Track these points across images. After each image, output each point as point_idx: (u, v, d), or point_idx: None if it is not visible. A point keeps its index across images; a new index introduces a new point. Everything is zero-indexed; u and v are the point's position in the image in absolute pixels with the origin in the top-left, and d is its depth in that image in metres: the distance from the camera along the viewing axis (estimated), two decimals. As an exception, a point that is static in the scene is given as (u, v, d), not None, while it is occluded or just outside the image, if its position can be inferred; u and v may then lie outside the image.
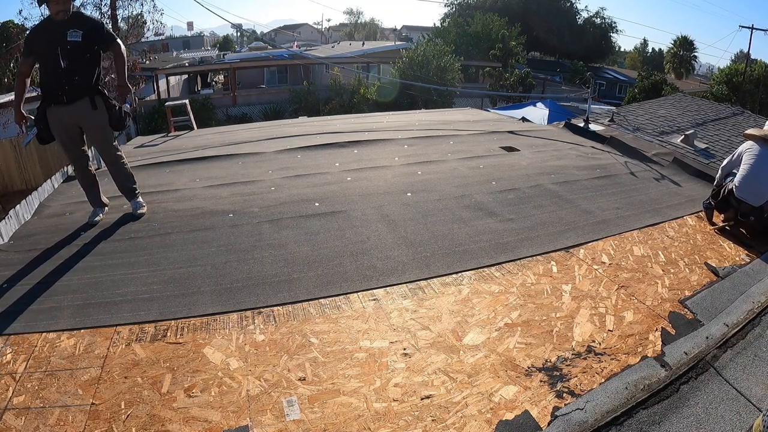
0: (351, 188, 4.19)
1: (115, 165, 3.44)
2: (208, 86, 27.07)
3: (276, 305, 2.44)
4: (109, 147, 3.38)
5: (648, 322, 2.39)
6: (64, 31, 3.01)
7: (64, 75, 3.05)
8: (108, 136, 3.35)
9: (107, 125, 3.27)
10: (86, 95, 3.13)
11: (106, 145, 3.36)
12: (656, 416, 1.86)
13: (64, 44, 3.01)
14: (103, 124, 3.25)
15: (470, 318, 2.36)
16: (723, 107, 8.51)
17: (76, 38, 3.02)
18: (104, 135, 3.32)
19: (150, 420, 1.72)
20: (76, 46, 3.03)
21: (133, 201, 3.55)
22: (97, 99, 3.18)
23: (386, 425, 1.72)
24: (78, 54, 3.06)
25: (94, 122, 3.21)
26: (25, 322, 2.27)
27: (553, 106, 13.04)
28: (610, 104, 16.95)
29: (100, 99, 3.20)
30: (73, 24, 3.05)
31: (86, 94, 3.14)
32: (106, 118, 3.24)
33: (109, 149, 3.38)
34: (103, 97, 3.22)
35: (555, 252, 3.08)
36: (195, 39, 46.79)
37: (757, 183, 3.42)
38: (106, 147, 3.36)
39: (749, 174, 3.46)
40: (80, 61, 3.09)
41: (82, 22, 3.11)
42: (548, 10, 36.92)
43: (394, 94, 19.14)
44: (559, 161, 5.24)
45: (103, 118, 3.23)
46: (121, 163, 3.47)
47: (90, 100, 3.15)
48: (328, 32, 54.73)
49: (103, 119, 3.23)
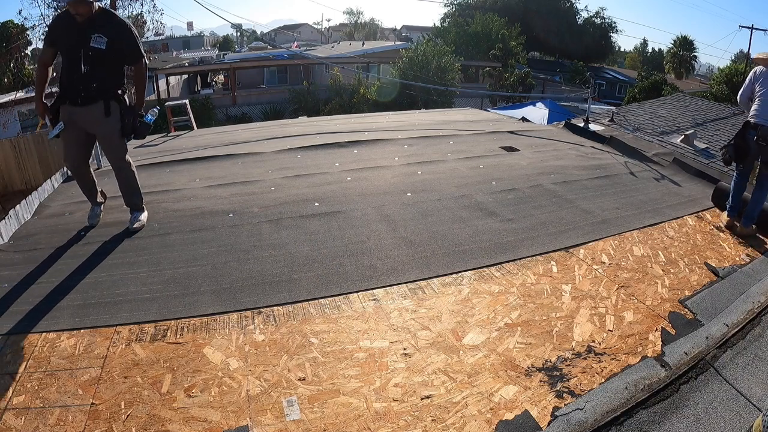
0: (351, 188, 4.19)
1: (120, 173, 3.28)
2: (208, 86, 27.07)
3: (276, 305, 2.44)
4: (118, 156, 3.20)
5: (648, 322, 2.39)
6: (89, 34, 2.82)
7: (82, 80, 2.90)
8: (118, 145, 3.17)
9: (118, 133, 3.10)
10: (101, 99, 2.98)
11: (114, 153, 3.19)
12: (656, 416, 1.86)
13: (87, 49, 2.83)
14: (114, 132, 3.09)
15: (470, 318, 2.36)
16: (723, 107, 8.51)
17: (100, 45, 2.83)
18: (113, 143, 3.15)
19: (150, 420, 1.72)
20: (98, 53, 2.85)
21: (134, 213, 3.37)
22: (112, 105, 3.02)
23: (386, 425, 1.72)
24: (100, 61, 2.89)
25: (104, 128, 3.07)
26: (25, 322, 2.27)
27: (552, 106, 13.04)
28: (610, 104, 16.94)
29: (116, 105, 3.04)
30: (99, 27, 2.84)
31: (102, 98, 2.98)
32: (119, 126, 3.07)
33: (117, 158, 3.21)
34: (121, 104, 3.06)
35: (555, 252, 3.08)
36: (195, 39, 46.78)
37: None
38: (114, 155, 3.20)
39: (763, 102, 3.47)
40: (102, 69, 2.92)
41: (109, 26, 2.88)
42: (548, 10, 36.93)
43: (394, 94, 19.16)
44: (559, 161, 5.24)
45: (114, 126, 3.06)
46: (128, 173, 3.29)
47: (105, 104, 2.99)
48: (328, 32, 54.70)
49: (115, 127, 3.06)
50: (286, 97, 20.73)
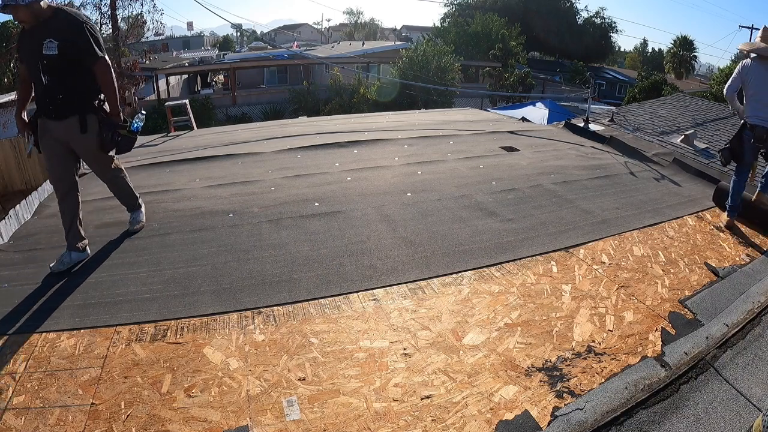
0: (351, 188, 4.19)
1: (111, 185, 3.11)
2: (208, 86, 27.08)
3: (276, 305, 2.44)
4: (104, 169, 3.01)
5: (648, 322, 2.39)
6: (41, 41, 2.51)
7: (47, 93, 2.63)
8: (101, 159, 2.93)
9: (98, 149, 2.82)
10: (76, 114, 2.69)
11: (99, 168, 3.00)
12: (656, 416, 1.86)
13: (41, 57, 2.54)
14: (93, 148, 2.81)
15: (470, 318, 2.36)
16: (723, 107, 8.50)
17: (52, 52, 2.51)
18: (96, 158, 2.91)
19: (150, 420, 1.72)
20: (52, 61, 2.54)
21: (132, 213, 3.27)
22: (89, 119, 2.72)
23: (386, 425, 1.72)
24: (57, 69, 2.58)
25: (83, 146, 2.80)
26: (25, 322, 2.27)
27: (552, 106, 13.03)
28: (610, 104, 16.94)
29: (93, 118, 2.74)
30: (51, 31, 2.53)
31: (77, 112, 2.69)
32: (99, 141, 2.78)
33: (103, 171, 3.02)
34: (99, 117, 2.77)
35: (555, 252, 3.08)
36: (195, 39, 46.81)
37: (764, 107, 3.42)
38: (100, 170, 3.01)
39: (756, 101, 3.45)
40: (63, 77, 2.61)
41: (59, 29, 2.54)
42: (548, 10, 36.93)
43: (394, 94, 19.16)
44: (559, 161, 5.24)
45: (93, 141, 2.78)
46: (119, 181, 3.10)
47: (81, 119, 2.70)
48: (328, 32, 54.71)
49: (93, 143, 2.78)
50: (286, 97, 20.74)
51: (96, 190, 4.21)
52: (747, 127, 3.50)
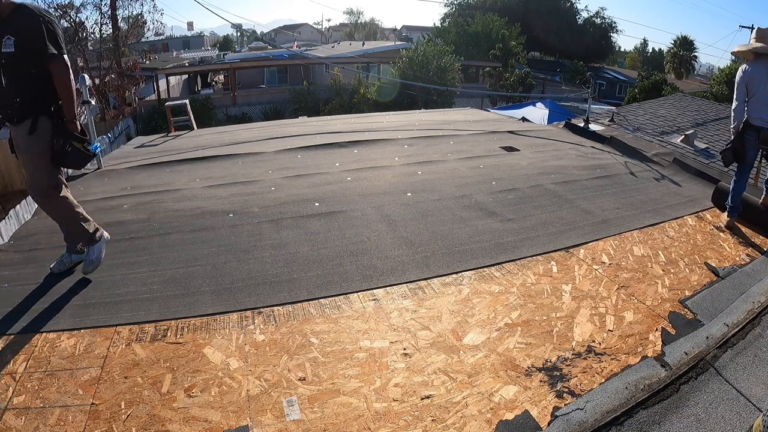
0: (351, 188, 4.19)
1: (45, 202, 2.59)
2: (208, 86, 27.06)
3: (276, 305, 2.44)
4: (39, 185, 2.52)
5: (648, 322, 2.39)
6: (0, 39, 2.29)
7: (4, 95, 2.38)
8: (39, 166, 2.48)
9: (42, 156, 2.46)
10: (31, 116, 2.41)
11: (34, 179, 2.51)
12: (656, 416, 1.86)
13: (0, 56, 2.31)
14: (35, 152, 2.45)
15: (470, 318, 2.36)
16: (723, 107, 8.50)
17: (9, 49, 2.30)
18: (36, 168, 2.49)
19: (150, 420, 1.72)
20: (10, 59, 2.32)
21: (88, 247, 2.68)
22: (41, 121, 2.43)
23: (386, 425, 1.72)
24: (15, 68, 2.35)
25: (25, 146, 2.45)
26: (25, 322, 2.27)
27: (553, 106, 13.04)
28: (610, 104, 16.95)
29: (45, 122, 2.44)
30: (9, 28, 2.31)
31: (31, 115, 2.41)
32: (45, 148, 2.44)
33: (37, 188, 2.52)
34: (54, 123, 2.46)
35: (555, 252, 3.08)
36: (195, 39, 46.79)
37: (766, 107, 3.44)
38: (33, 182, 2.51)
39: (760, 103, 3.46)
40: (21, 77, 2.37)
41: (17, 26, 2.32)
42: (548, 10, 36.92)
43: (394, 94, 19.14)
44: (559, 161, 5.24)
45: (38, 146, 2.44)
46: (57, 202, 2.57)
47: (33, 122, 2.41)
48: (328, 32, 54.72)
49: (38, 147, 2.44)
50: (286, 97, 20.72)
51: (96, 190, 4.21)
52: (749, 127, 3.51)
